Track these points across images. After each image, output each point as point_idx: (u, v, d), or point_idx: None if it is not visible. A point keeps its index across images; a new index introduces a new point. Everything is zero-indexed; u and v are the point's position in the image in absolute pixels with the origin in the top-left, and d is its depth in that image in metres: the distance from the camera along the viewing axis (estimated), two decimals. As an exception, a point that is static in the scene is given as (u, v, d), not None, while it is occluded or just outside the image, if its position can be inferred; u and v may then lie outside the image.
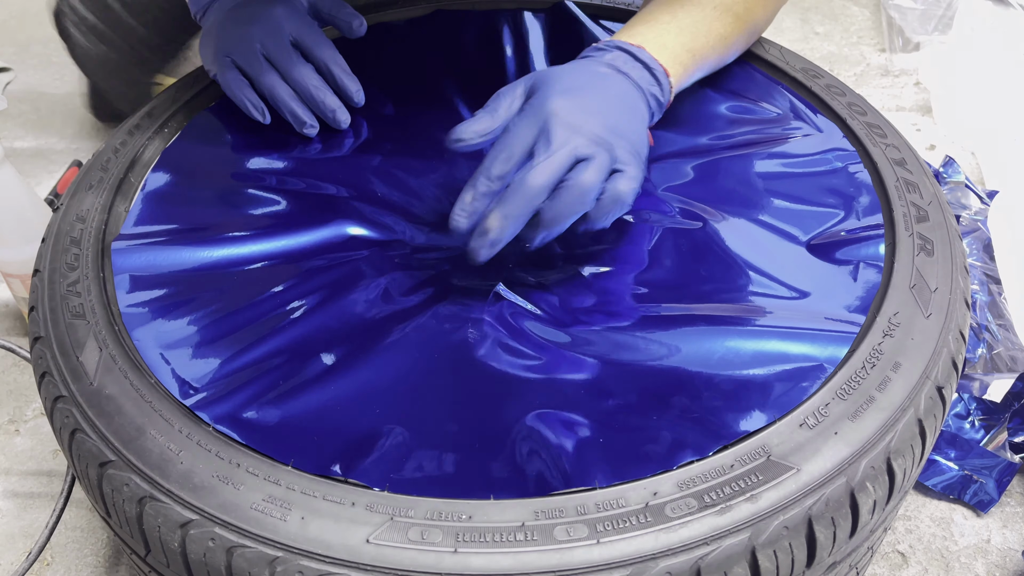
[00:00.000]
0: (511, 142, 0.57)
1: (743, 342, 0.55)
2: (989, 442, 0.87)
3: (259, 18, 0.73)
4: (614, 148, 0.57)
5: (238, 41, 0.73)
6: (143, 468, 0.48)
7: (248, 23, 0.74)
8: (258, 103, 0.73)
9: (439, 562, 0.43)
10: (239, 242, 0.63)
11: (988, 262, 1.02)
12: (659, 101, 0.65)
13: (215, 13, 0.77)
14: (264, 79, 0.73)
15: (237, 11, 0.75)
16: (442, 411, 0.52)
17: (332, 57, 0.75)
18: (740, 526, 0.45)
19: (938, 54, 1.44)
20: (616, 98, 0.61)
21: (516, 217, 0.56)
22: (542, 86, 0.59)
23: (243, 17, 0.74)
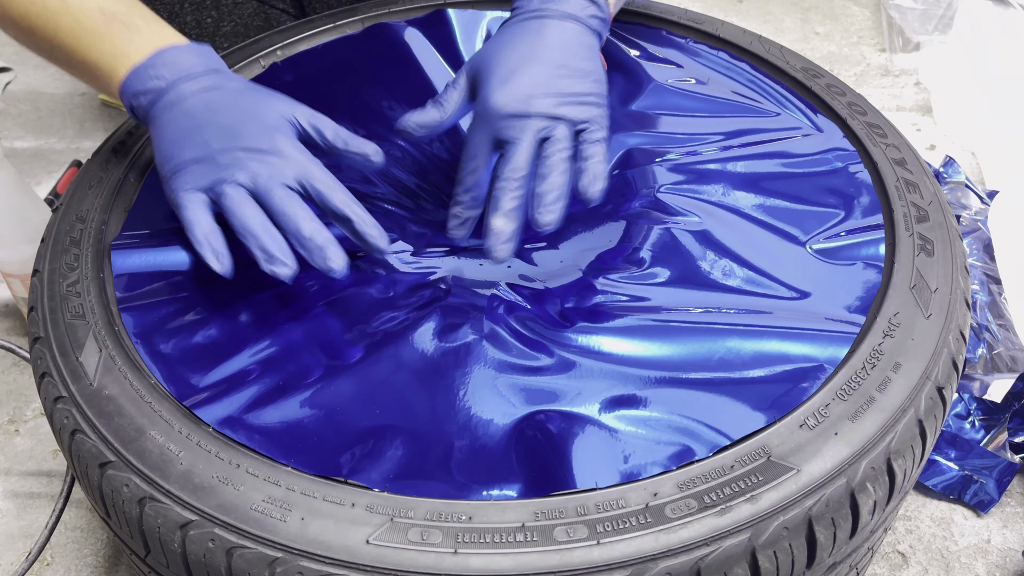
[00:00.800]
0: (474, 152, 0.62)
1: (743, 342, 0.55)
2: (989, 442, 0.87)
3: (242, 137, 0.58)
4: (568, 114, 0.60)
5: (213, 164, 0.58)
6: (143, 469, 0.48)
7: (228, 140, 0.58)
8: (220, 248, 0.57)
9: (439, 563, 0.43)
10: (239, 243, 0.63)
11: (988, 262, 1.02)
12: (601, 19, 0.66)
13: (174, 112, 0.60)
14: (235, 207, 0.57)
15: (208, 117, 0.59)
16: (442, 412, 0.52)
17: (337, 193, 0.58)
18: (740, 527, 0.44)
19: (938, 54, 1.44)
20: (557, 50, 0.62)
21: (513, 210, 0.59)
22: (483, 79, 0.62)
23: (217, 129, 0.59)
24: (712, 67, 0.80)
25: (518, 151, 0.59)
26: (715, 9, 1.63)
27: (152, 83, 0.61)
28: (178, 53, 0.62)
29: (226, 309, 0.59)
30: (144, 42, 0.62)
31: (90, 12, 0.62)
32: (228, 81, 0.62)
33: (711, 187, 0.67)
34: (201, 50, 0.63)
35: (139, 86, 0.61)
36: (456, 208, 0.62)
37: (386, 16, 0.86)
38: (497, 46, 0.63)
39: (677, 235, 0.63)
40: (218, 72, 0.62)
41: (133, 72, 0.61)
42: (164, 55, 0.61)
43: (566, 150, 0.60)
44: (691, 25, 0.84)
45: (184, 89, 0.60)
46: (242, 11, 1.09)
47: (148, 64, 0.61)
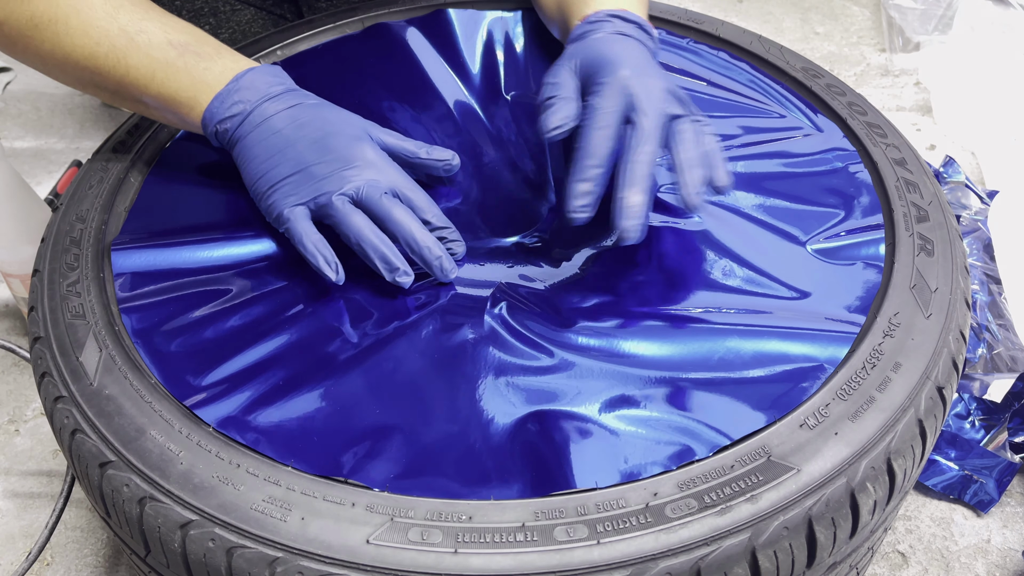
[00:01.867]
0: (606, 123, 0.58)
1: (743, 342, 0.55)
2: (989, 442, 0.87)
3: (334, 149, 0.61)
4: (681, 101, 0.60)
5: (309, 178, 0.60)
6: (143, 468, 0.48)
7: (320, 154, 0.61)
8: (332, 259, 0.59)
9: (439, 563, 0.43)
10: (239, 242, 0.63)
11: (988, 262, 1.02)
12: (655, 53, 0.68)
13: (261, 131, 0.63)
14: (345, 220, 0.59)
15: (296, 132, 0.62)
16: (442, 411, 0.52)
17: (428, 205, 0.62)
18: (740, 526, 0.45)
19: (938, 54, 1.44)
20: (647, 58, 0.64)
21: (646, 189, 0.56)
22: (604, 65, 0.61)
23: (308, 143, 0.61)
24: (712, 67, 0.80)
25: (654, 126, 0.57)
26: (715, 9, 1.63)
27: (236, 108, 0.63)
28: (256, 76, 0.64)
29: (226, 309, 0.59)
30: (221, 69, 0.64)
31: (160, 46, 0.63)
32: (306, 98, 0.64)
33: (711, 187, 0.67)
34: (275, 71, 0.66)
35: (224, 112, 0.63)
36: (583, 185, 0.57)
37: (386, 16, 0.86)
38: (597, 44, 0.64)
39: (677, 235, 0.63)
40: (295, 90, 0.65)
41: (216, 99, 0.63)
42: (243, 79, 0.63)
43: (696, 132, 0.59)
44: (691, 25, 0.84)
45: (268, 109, 0.63)
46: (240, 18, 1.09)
47: (230, 89, 0.63)
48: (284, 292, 0.60)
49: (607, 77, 0.60)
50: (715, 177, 0.58)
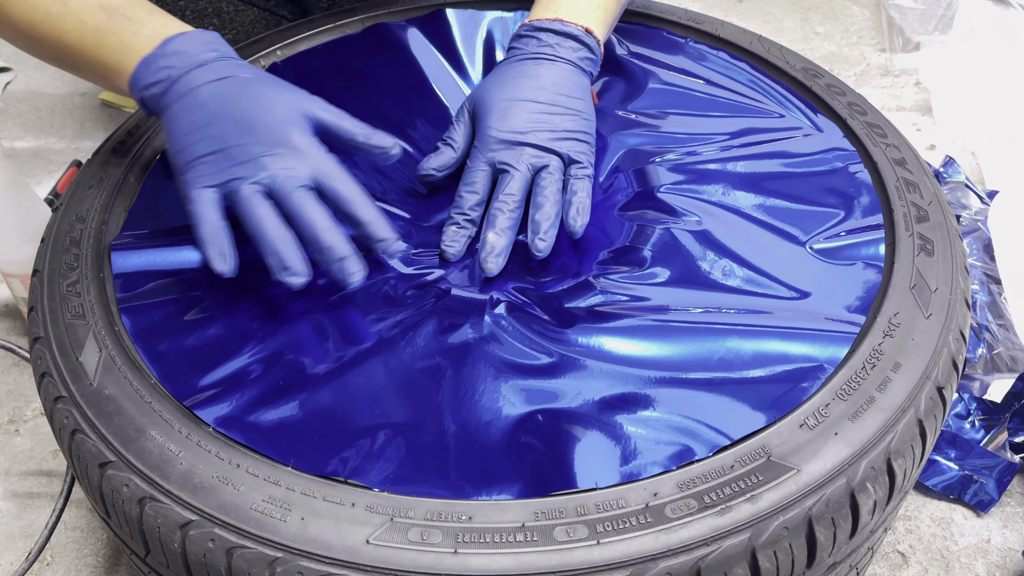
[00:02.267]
0: (473, 179, 0.65)
1: (743, 342, 0.55)
2: (989, 442, 0.87)
3: (257, 131, 0.57)
4: (561, 149, 0.65)
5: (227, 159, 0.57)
6: (143, 469, 0.48)
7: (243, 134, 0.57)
8: (225, 250, 0.57)
9: (439, 563, 0.43)
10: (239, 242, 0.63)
11: (988, 262, 1.02)
12: (591, 60, 0.70)
13: (186, 102, 0.59)
14: (249, 211, 0.56)
15: (221, 108, 0.58)
16: (442, 411, 0.52)
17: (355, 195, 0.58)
18: (740, 527, 0.45)
19: (938, 54, 1.44)
20: (551, 89, 0.67)
21: (506, 229, 0.63)
22: (483, 112, 0.67)
23: (231, 122, 0.58)
24: (712, 67, 0.80)
25: (514, 177, 0.64)
26: (715, 9, 1.63)
27: (162, 73, 0.60)
28: (186, 41, 0.61)
29: (226, 309, 0.59)
30: (150, 33, 0.61)
31: (91, 10, 0.62)
32: (240, 70, 0.61)
33: (711, 187, 0.67)
34: (209, 36, 0.62)
35: (149, 78, 0.60)
36: (451, 228, 0.65)
37: (386, 16, 0.86)
38: (496, 83, 0.68)
39: (677, 235, 0.63)
40: (228, 59, 0.62)
41: (142, 64, 0.61)
42: (172, 44, 0.60)
43: (558, 182, 0.65)
44: (691, 25, 0.84)
45: (196, 78, 0.59)
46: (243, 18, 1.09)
47: (157, 54, 0.60)
48: (284, 292, 0.60)
49: (479, 131, 0.66)
50: (567, 227, 0.63)
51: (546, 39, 0.68)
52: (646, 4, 0.87)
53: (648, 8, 0.86)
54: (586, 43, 0.69)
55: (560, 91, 0.67)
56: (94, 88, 1.42)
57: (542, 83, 0.67)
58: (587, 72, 0.70)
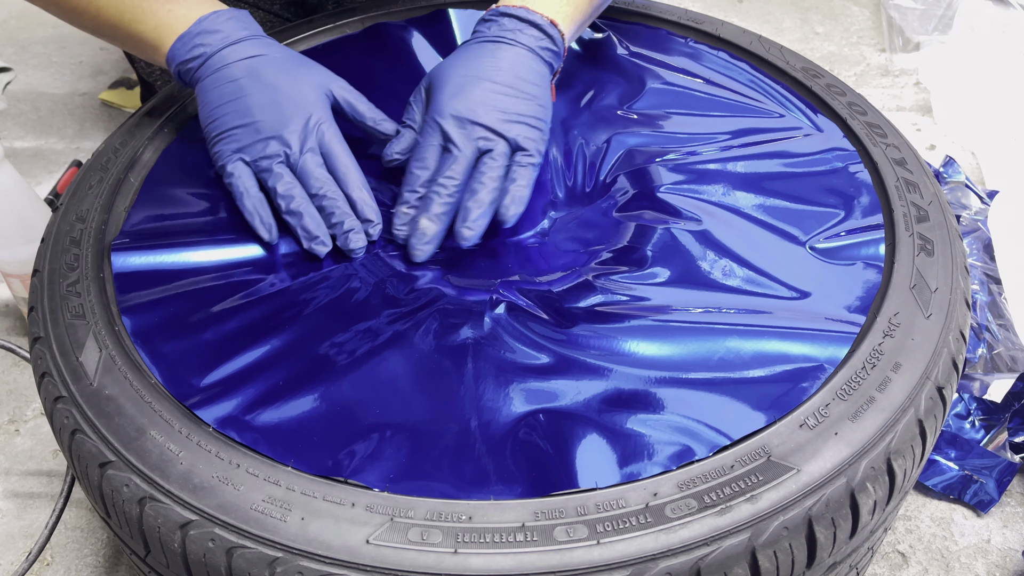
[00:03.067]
0: (422, 156, 0.65)
1: (743, 342, 0.55)
2: (989, 442, 0.87)
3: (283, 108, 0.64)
4: (509, 131, 0.64)
5: (255, 131, 0.63)
6: (143, 469, 0.48)
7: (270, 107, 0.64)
8: (268, 219, 0.64)
9: (439, 563, 0.43)
10: (239, 242, 0.63)
11: (988, 262, 1.02)
12: (552, 52, 0.68)
13: (219, 76, 0.65)
14: (282, 185, 0.63)
15: (250, 84, 0.64)
16: (442, 411, 0.52)
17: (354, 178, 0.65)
18: (740, 527, 0.44)
19: (938, 54, 1.44)
20: (508, 72, 0.65)
21: (440, 215, 0.63)
22: (435, 91, 0.66)
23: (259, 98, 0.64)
24: (712, 67, 0.80)
25: (457, 159, 0.63)
26: (715, 9, 1.63)
27: (197, 50, 0.65)
28: (218, 19, 0.66)
29: (226, 309, 0.59)
30: (185, 11, 0.66)
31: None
32: (269, 48, 0.66)
33: (711, 187, 0.67)
34: (241, 15, 0.67)
35: (185, 54, 0.65)
36: (402, 207, 0.65)
37: (386, 16, 0.86)
38: (453, 62, 0.67)
39: (677, 235, 0.63)
40: (259, 37, 0.66)
41: (178, 41, 0.65)
42: (206, 21, 0.65)
43: (500, 168, 0.63)
44: (691, 25, 0.84)
45: (229, 55, 0.65)
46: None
47: (192, 32, 0.65)
48: (284, 292, 0.60)
49: (431, 107, 0.65)
50: (499, 215, 0.63)
51: (508, 24, 0.67)
52: (646, 4, 0.87)
53: (648, 8, 0.86)
54: (548, 33, 0.68)
55: (517, 74, 0.66)
56: (94, 88, 1.42)
57: (499, 64, 0.66)
58: (547, 62, 0.68)
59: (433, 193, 0.63)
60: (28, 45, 1.51)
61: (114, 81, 1.41)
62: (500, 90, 0.65)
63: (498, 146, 0.63)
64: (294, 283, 0.61)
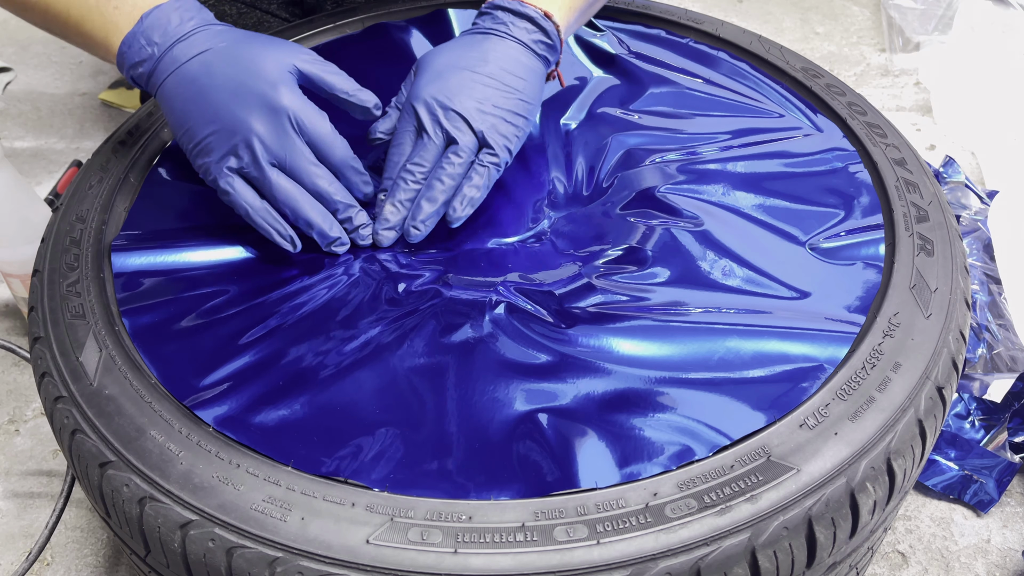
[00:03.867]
0: (399, 140, 0.64)
1: (743, 342, 0.55)
2: (989, 442, 0.87)
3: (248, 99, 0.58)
4: (481, 124, 0.62)
5: (229, 135, 0.59)
6: (143, 468, 0.48)
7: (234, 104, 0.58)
8: (286, 231, 0.61)
9: (439, 563, 0.43)
10: (239, 243, 0.63)
11: (988, 262, 1.02)
12: (546, 44, 0.67)
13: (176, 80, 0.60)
14: (279, 192, 0.60)
15: (210, 82, 0.59)
16: (442, 411, 0.52)
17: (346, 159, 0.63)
18: (740, 526, 0.45)
19: (938, 54, 1.44)
20: (493, 64, 0.64)
21: (405, 202, 0.63)
22: (418, 75, 0.65)
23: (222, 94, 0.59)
24: (712, 67, 0.80)
25: (427, 147, 0.62)
26: (715, 9, 1.63)
27: (145, 52, 0.61)
28: (163, 14, 0.61)
29: (226, 309, 0.59)
30: (131, 7, 0.61)
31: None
32: (221, 38, 0.61)
33: (711, 187, 0.67)
34: (187, 5, 0.62)
35: (133, 56, 0.61)
36: (379, 193, 0.65)
37: (386, 16, 0.86)
38: (442, 50, 0.67)
39: (677, 235, 0.63)
40: (208, 26, 0.62)
41: (124, 43, 0.61)
42: (149, 18, 0.60)
43: (463, 164, 0.62)
44: (691, 25, 0.84)
45: (180, 53, 0.60)
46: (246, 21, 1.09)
47: (136, 32, 0.60)
48: (284, 292, 0.60)
49: (411, 90, 0.64)
50: (446, 215, 0.62)
51: (501, 17, 0.67)
52: (646, 4, 0.87)
53: (648, 8, 0.86)
54: (542, 26, 0.67)
55: (502, 67, 0.64)
56: (94, 88, 1.42)
57: (486, 56, 0.65)
58: (541, 56, 0.67)
59: (400, 179, 0.63)
60: (28, 45, 1.51)
61: (114, 81, 1.41)
62: (480, 80, 0.64)
63: (465, 138, 0.62)
64: (295, 283, 0.61)
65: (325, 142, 0.61)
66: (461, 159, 0.62)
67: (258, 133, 0.58)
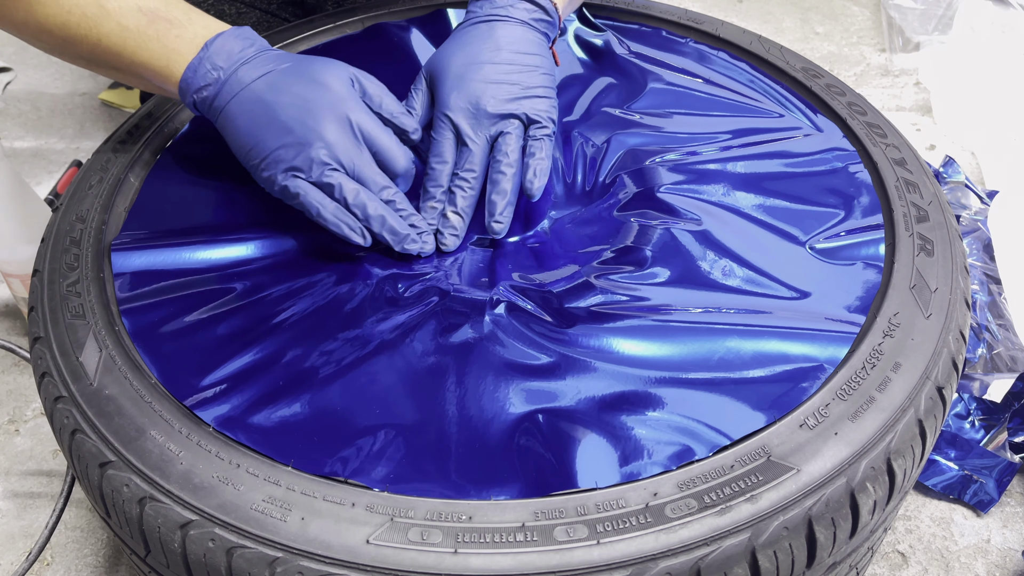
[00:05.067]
0: (439, 151, 0.65)
1: (743, 342, 0.55)
2: (989, 442, 0.87)
3: (317, 112, 0.61)
4: (518, 109, 0.64)
5: (300, 146, 0.60)
6: (143, 469, 0.48)
7: (305, 117, 0.61)
8: (356, 224, 0.61)
9: (439, 563, 0.43)
10: (239, 242, 0.63)
11: (988, 262, 1.02)
12: (547, 22, 0.69)
13: (241, 100, 0.62)
14: (350, 194, 0.61)
15: (277, 98, 0.61)
16: (442, 411, 0.52)
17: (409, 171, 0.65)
18: (740, 526, 0.44)
19: (938, 54, 1.44)
20: (506, 48, 0.66)
21: (466, 208, 0.65)
22: (439, 81, 0.66)
23: (291, 109, 0.61)
24: (712, 67, 0.80)
25: (473, 152, 0.64)
26: (715, 9, 1.63)
27: (211, 76, 0.62)
28: (226, 40, 0.63)
29: (226, 309, 0.59)
30: (192, 36, 0.63)
31: (130, 13, 0.62)
32: (282, 60, 0.64)
33: (711, 187, 0.67)
34: (245, 32, 0.65)
35: (199, 81, 0.63)
36: (428, 202, 0.66)
37: (386, 16, 0.86)
38: (451, 49, 0.67)
39: (677, 235, 0.63)
40: (267, 51, 0.64)
41: (189, 68, 0.63)
42: (214, 45, 0.63)
43: (517, 150, 0.64)
44: (691, 25, 0.84)
45: (244, 75, 0.62)
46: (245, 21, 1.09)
47: (202, 58, 0.63)
48: (284, 292, 0.60)
49: (437, 100, 0.66)
50: (524, 189, 0.64)
51: (499, 1, 0.68)
52: (646, 4, 0.87)
53: (648, 8, 0.86)
54: (541, 4, 0.68)
55: (516, 49, 0.66)
56: (94, 88, 1.42)
57: (497, 44, 0.66)
58: (543, 32, 0.69)
59: (456, 187, 0.64)
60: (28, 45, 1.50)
61: (114, 81, 1.42)
62: (503, 70, 0.65)
63: (511, 126, 0.64)
64: (295, 282, 0.61)
65: (389, 153, 0.63)
66: (512, 146, 0.64)
67: (329, 142, 0.60)
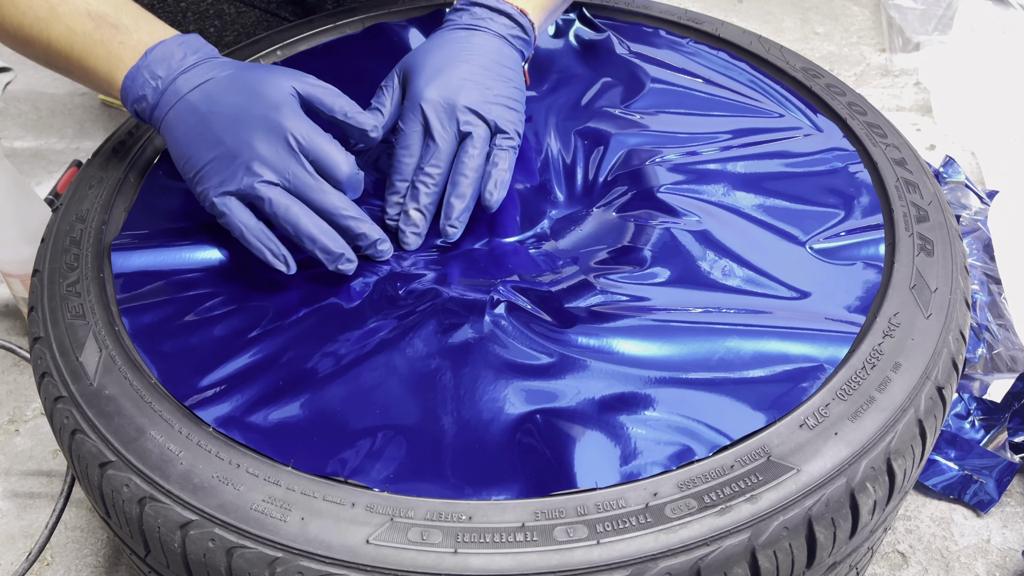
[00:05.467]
0: (407, 142, 0.64)
1: (743, 342, 0.55)
2: (989, 442, 0.87)
3: (250, 123, 0.58)
4: (489, 113, 0.64)
5: (230, 159, 0.58)
6: (143, 469, 0.48)
7: (236, 128, 0.58)
8: (279, 250, 0.59)
9: (439, 563, 0.43)
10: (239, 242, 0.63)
11: (988, 262, 1.02)
12: (523, 40, 0.70)
13: (177, 112, 0.60)
14: (278, 208, 0.58)
15: (211, 108, 0.59)
16: (442, 411, 0.52)
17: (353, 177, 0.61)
18: (740, 527, 0.45)
19: (938, 54, 1.44)
20: (483, 55, 0.66)
21: (428, 205, 0.64)
22: (413, 76, 0.65)
23: (224, 120, 0.58)
24: (712, 67, 0.80)
25: (440, 147, 0.63)
26: (715, 9, 1.63)
27: (148, 87, 0.61)
28: (167, 49, 0.61)
29: (226, 309, 0.59)
30: (135, 43, 0.62)
31: (79, 17, 0.61)
32: (222, 68, 0.62)
33: (711, 187, 0.67)
34: (189, 40, 0.63)
35: (136, 91, 0.62)
36: (393, 196, 0.65)
37: (386, 16, 0.86)
38: (428, 49, 0.67)
39: (677, 235, 0.63)
40: (210, 60, 0.62)
41: (127, 78, 0.62)
42: (153, 53, 0.61)
43: (481, 156, 0.63)
44: (691, 25, 0.84)
45: (182, 85, 0.61)
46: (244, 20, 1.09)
47: (140, 67, 0.61)
48: (284, 292, 0.60)
49: (410, 92, 0.65)
50: (482, 200, 0.63)
51: (479, 13, 0.68)
52: (646, 4, 0.87)
53: (648, 8, 0.86)
54: (519, 22, 0.69)
55: (492, 58, 0.66)
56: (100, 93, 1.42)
57: (474, 50, 0.66)
58: (518, 50, 0.69)
59: (419, 183, 0.63)
60: (28, 45, 1.50)
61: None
62: (478, 72, 0.65)
63: (478, 130, 0.63)
64: (294, 282, 0.61)
65: (330, 160, 0.59)
66: (478, 150, 0.63)
67: (259, 154, 0.58)
